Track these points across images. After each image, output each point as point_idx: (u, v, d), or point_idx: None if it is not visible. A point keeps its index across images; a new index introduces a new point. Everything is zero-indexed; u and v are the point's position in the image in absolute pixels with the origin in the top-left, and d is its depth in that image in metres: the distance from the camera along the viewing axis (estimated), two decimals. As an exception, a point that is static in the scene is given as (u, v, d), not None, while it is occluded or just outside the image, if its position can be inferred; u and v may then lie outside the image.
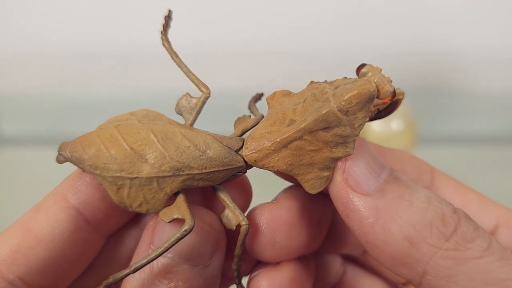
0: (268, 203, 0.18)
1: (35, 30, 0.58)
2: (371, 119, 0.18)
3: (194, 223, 0.15)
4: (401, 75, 0.60)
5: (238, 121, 0.19)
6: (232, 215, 0.17)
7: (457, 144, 0.54)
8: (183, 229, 0.15)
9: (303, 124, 0.15)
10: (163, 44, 0.20)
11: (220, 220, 0.17)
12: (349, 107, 0.15)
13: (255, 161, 0.16)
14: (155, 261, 0.15)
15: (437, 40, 0.59)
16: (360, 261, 0.21)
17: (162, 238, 0.16)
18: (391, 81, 0.15)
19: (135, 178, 0.16)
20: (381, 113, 0.18)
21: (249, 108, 0.20)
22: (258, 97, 0.21)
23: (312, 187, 0.16)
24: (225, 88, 0.58)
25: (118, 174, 0.16)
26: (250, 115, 0.19)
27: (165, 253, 0.15)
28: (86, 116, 0.56)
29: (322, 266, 0.20)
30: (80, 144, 0.16)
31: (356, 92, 0.15)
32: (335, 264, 0.21)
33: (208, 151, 0.17)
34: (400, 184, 0.15)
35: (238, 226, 0.17)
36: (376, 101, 0.17)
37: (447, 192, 0.18)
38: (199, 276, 0.16)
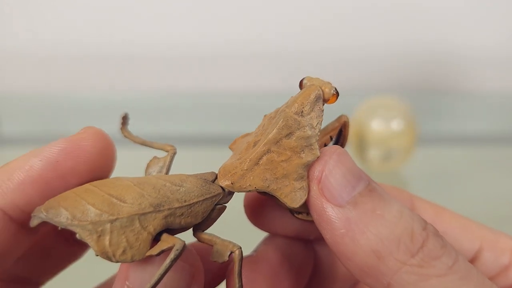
0: (247, 256, 0.18)
1: (35, 30, 0.58)
2: None
3: (185, 242, 0.15)
4: (401, 75, 0.60)
5: None
6: (221, 247, 0.16)
7: (457, 144, 0.54)
8: (175, 249, 0.15)
9: (268, 137, 0.16)
10: (124, 137, 0.20)
11: (212, 262, 0.16)
12: (303, 108, 0.17)
13: (231, 183, 0.17)
14: None
15: (437, 40, 0.59)
16: None
17: (137, 273, 0.15)
18: (331, 83, 0.17)
19: (115, 220, 0.15)
20: (339, 143, 0.19)
21: None
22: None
23: (292, 200, 0.16)
24: (227, 88, 0.58)
25: (97, 219, 0.15)
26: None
27: None
28: (86, 116, 0.56)
29: None
30: (54, 200, 0.16)
31: (304, 95, 0.17)
32: None
33: (184, 184, 0.16)
34: (374, 196, 0.15)
35: (231, 255, 0.16)
36: (326, 129, 0.18)
37: (427, 218, 0.18)
38: None
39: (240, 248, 0.16)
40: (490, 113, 0.58)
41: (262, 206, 0.19)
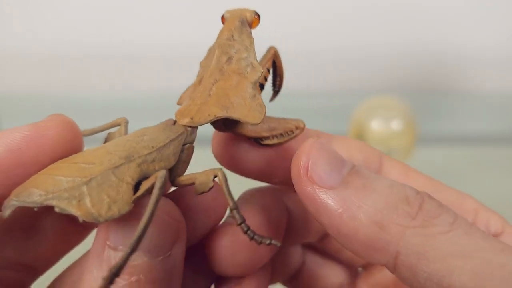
0: (229, 225, 0.18)
1: (35, 30, 0.58)
2: (276, 91, 0.20)
3: (167, 170, 0.15)
4: (401, 75, 0.60)
5: None
6: (203, 177, 0.16)
7: (457, 144, 0.54)
8: (159, 177, 0.14)
9: (210, 68, 0.17)
10: None
11: (198, 195, 0.16)
12: (232, 33, 0.18)
13: (191, 118, 0.17)
14: (113, 257, 0.15)
15: (437, 40, 0.59)
16: (318, 248, 0.22)
17: (118, 231, 0.15)
18: (249, 9, 0.19)
19: (90, 180, 0.14)
20: (276, 72, 0.20)
21: None
22: None
23: (254, 117, 0.17)
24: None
25: (71, 185, 0.14)
26: None
27: (122, 248, 0.14)
28: (86, 116, 0.55)
29: (282, 258, 0.21)
30: (21, 186, 0.15)
31: (229, 23, 0.18)
32: (295, 254, 0.21)
33: (146, 133, 0.17)
34: (362, 175, 0.15)
35: (214, 181, 0.16)
36: (261, 63, 0.19)
37: (396, 177, 0.19)
38: (160, 268, 0.15)
39: (221, 169, 0.16)
40: (490, 113, 0.58)
41: (228, 147, 0.19)
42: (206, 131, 0.19)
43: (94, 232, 0.18)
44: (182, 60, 0.58)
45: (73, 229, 0.19)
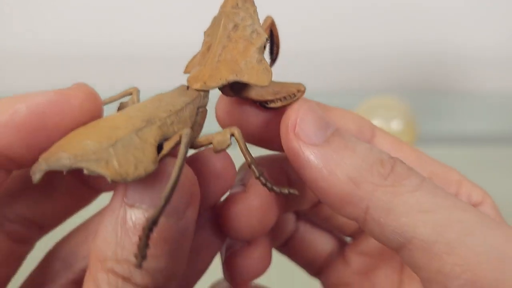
0: (239, 192, 0.19)
1: (35, 30, 0.58)
2: (273, 59, 0.21)
3: (190, 129, 0.16)
4: (401, 75, 0.60)
5: None
6: (220, 136, 0.17)
7: (457, 144, 0.54)
8: (184, 134, 0.16)
9: (218, 36, 0.18)
10: None
11: (216, 152, 0.17)
12: (237, 2, 0.19)
13: (204, 83, 0.18)
14: (128, 213, 0.15)
15: (437, 40, 0.59)
16: (310, 216, 0.23)
17: (135, 188, 0.15)
18: None
19: (115, 142, 0.15)
20: (273, 40, 0.21)
21: None
22: None
23: (263, 80, 0.18)
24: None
25: (98, 147, 0.15)
26: None
27: (138, 205, 0.15)
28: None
29: (277, 224, 0.22)
30: (49, 152, 0.15)
31: None
32: (289, 221, 0.23)
33: (163, 99, 0.18)
34: (344, 136, 0.17)
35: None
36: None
37: (386, 147, 0.20)
38: (173, 228, 0.16)
39: (237, 128, 0.17)
40: (490, 113, 0.58)
41: (232, 111, 0.20)
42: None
43: (100, 197, 0.20)
44: (182, 60, 0.58)
45: (82, 190, 0.20)
